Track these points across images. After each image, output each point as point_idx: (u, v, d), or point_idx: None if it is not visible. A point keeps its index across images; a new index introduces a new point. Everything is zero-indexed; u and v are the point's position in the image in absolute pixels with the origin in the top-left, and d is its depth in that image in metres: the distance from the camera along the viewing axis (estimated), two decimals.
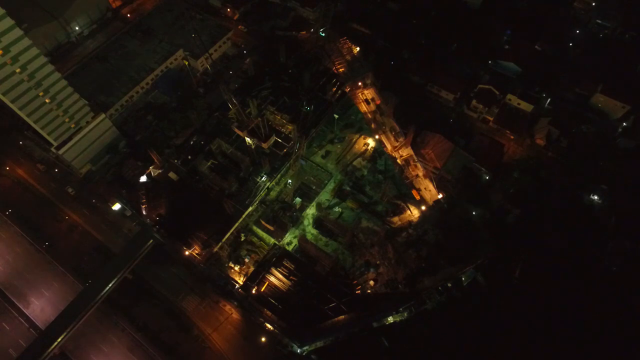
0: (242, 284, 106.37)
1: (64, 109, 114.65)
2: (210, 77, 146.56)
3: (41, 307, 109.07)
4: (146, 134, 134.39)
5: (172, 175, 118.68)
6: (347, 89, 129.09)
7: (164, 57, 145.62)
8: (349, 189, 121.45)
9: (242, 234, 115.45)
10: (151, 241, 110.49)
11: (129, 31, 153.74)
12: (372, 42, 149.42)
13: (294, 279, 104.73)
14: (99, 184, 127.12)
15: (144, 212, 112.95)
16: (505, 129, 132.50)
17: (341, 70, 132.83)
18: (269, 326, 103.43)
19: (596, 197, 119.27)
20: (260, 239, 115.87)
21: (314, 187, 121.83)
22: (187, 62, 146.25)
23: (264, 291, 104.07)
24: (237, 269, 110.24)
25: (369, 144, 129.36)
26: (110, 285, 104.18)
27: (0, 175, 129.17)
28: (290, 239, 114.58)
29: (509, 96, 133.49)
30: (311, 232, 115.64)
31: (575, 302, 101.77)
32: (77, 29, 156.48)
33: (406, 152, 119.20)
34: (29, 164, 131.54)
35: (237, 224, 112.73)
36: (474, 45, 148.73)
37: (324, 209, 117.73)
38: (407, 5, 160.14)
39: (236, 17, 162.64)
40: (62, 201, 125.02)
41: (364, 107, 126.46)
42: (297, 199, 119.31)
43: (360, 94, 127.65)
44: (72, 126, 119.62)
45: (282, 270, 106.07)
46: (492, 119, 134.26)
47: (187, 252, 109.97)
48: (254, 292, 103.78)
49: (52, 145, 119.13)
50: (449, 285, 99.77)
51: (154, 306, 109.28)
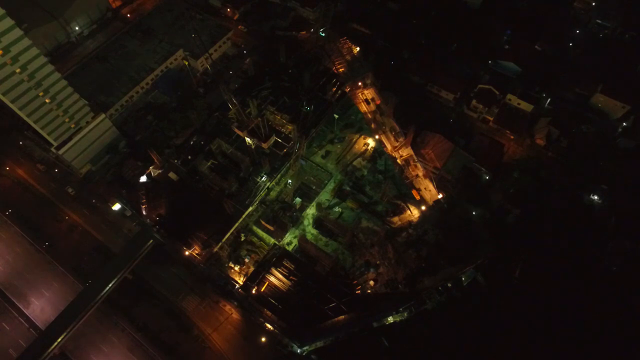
0: (242, 284, 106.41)
1: (64, 109, 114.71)
2: (210, 77, 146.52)
3: (41, 307, 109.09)
4: (146, 134, 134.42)
5: (172, 175, 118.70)
6: (347, 89, 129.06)
7: (164, 57, 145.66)
8: (349, 189, 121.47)
9: (242, 234, 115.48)
10: (151, 241, 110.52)
11: (129, 31, 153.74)
12: (372, 42, 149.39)
13: (294, 279, 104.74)
14: (99, 184, 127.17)
15: (144, 212, 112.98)
16: (505, 129, 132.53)
17: (341, 70, 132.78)
18: (269, 326, 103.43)
19: (596, 197, 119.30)
20: (260, 239, 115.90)
21: (314, 187, 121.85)
22: (187, 62, 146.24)
23: (264, 291, 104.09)
24: (237, 269, 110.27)
25: (369, 144, 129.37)
26: (110, 285, 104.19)
27: (0, 175, 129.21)
28: (290, 239, 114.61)
29: (509, 96, 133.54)
30: (311, 232, 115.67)
31: (575, 302, 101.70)
32: (77, 29, 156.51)
33: (406, 152, 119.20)
34: (29, 164, 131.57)
35: (237, 224, 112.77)
36: (474, 45, 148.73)
37: (324, 209, 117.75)
38: (407, 5, 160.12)
39: (236, 17, 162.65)
40: (62, 201, 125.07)
41: (364, 107, 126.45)
42: (297, 199, 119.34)
43: (360, 94, 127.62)
44: (72, 126, 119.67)
45: (282, 270, 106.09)
46: (492, 119, 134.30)
47: (187, 252, 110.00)
48: (254, 292, 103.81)
49: (52, 145, 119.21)
50: (449, 285, 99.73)
51: (154, 306, 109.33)
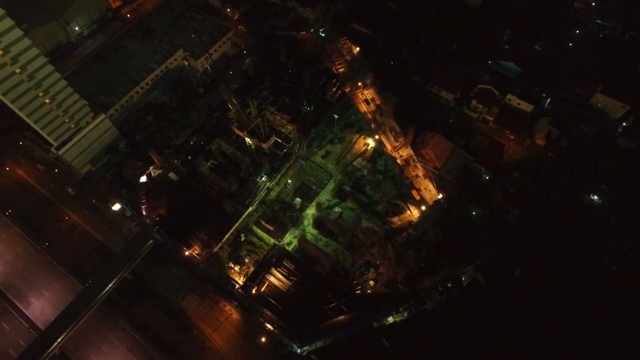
0: (242, 284, 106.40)
1: (64, 109, 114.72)
2: (210, 77, 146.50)
3: (41, 307, 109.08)
4: (146, 134, 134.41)
5: (172, 175, 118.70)
6: (347, 89, 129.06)
7: (164, 57, 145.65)
8: (349, 189, 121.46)
9: (242, 234, 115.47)
10: (151, 241, 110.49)
11: (129, 31, 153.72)
12: (372, 42, 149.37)
13: (294, 279, 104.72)
14: (99, 184, 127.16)
15: (144, 212, 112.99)
16: (505, 129, 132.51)
17: (341, 70, 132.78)
18: (269, 326, 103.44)
19: (596, 197, 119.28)
20: (260, 239, 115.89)
21: (314, 187, 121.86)
22: (187, 62, 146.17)
23: (264, 291, 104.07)
24: (237, 269, 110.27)
25: (369, 144, 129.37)
26: (110, 285, 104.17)
27: (0, 175, 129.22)
28: (290, 239, 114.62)
29: (509, 96, 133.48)
30: (311, 232, 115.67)
31: (575, 302, 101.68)
32: (77, 29, 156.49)
33: (406, 152, 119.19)
34: (29, 164, 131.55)
35: (237, 224, 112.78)
36: (474, 45, 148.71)
37: (324, 209, 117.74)
38: (407, 5, 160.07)
39: (236, 17, 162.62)
40: (62, 201, 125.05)
41: (363, 107, 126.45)
42: (297, 199, 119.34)
43: (360, 94, 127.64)
44: (72, 126, 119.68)
45: (282, 270, 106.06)
46: (492, 119, 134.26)
47: (187, 252, 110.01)
48: (254, 292, 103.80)
49: (52, 145, 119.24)
50: (449, 285, 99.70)
51: (154, 306, 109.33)
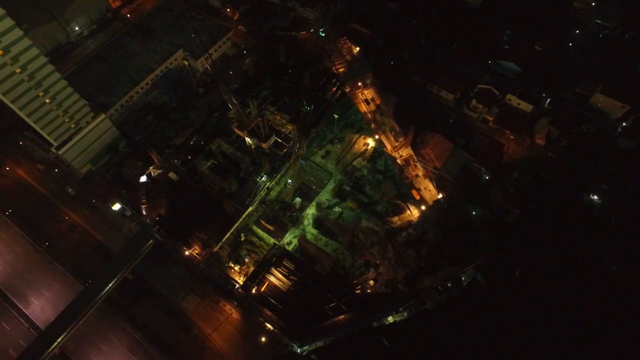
0: (242, 283, 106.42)
1: (64, 109, 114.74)
2: (210, 77, 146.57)
3: (41, 307, 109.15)
4: (146, 134, 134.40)
5: (172, 175, 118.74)
6: (347, 89, 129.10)
7: (164, 57, 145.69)
8: (348, 188, 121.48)
9: (242, 234, 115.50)
10: (151, 241, 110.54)
11: (129, 31, 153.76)
12: (372, 42, 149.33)
13: (294, 278, 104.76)
14: (99, 184, 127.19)
15: (144, 212, 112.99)
16: (505, 129, 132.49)
17: (341, 70, 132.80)
18: (269, 326, 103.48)
19: (596, 197, 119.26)
20: (260, 238, 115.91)
21: (314, 187, 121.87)
22: (187, 62, 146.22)
23: (264, 291, 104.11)
24: (237, 268, 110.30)
25: (368, 144, 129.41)
26: (110, 285, 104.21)
27: (0, 175, 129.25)
28: (290, 239, 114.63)
29: (509, 96, 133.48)
30: (311, 232, 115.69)
31: (575, 302, 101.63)
32: (77, 29, 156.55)
33: (406, 152, 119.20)
34: (29, 164, 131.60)
35: (237, 224, 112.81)
36: (474, 45, 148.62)
37: (324, 208, 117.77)
38: (407, 5, 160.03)
39: (236, 17, 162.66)
40: (62, 201, 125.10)
41: (363, 107, 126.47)
42: (297, 199, 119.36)
43: (360, 94, 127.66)
44: (72, 126, 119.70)
45: (282, 270, 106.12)
46: (492, 119, 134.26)
47: (187, 252, 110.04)
48: (254, 292, 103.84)
49: (52, 145, 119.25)
50: (449, 285, 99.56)
51: (154, 306, 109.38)
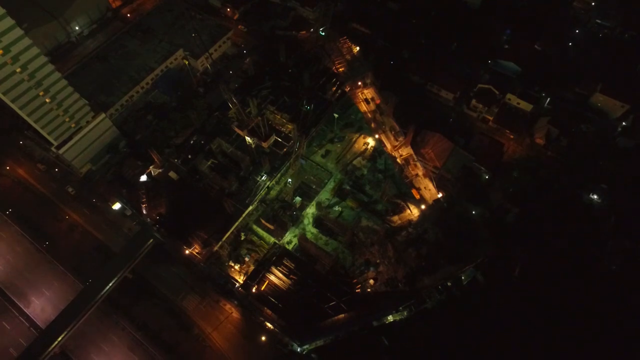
0: (242, 282, 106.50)
1: (64, 108, 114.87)
2: (210, 77, 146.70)
3: (41, 306, 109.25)
4: (146, 134, 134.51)
5: (172, 174, 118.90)
6: (347, 89, 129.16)
7: (164, 56, 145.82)
8: (349, 188, 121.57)
9: (242, 233, 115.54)
10: (151, 240, 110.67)
11: (129, 31, 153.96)
12: (372, 41, 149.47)
13: (294, 277, 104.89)
14: (99, 184, 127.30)
15: (144, 212, 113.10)
16: (504, 129, 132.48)
17: (341, 69, 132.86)
18: (269, 325, 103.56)
19: (596, 197, 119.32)
20: (260, 238, 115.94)
21: (314, 186, 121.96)
22: (187, 62, 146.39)
23: (264, 290, 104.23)
24: (237, 267, 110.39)
25: (368, 143, 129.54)
26: (110, 284, 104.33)
27: (0, 174, 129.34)
28: (290, 238, 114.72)
29: (509, 96, 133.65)
30: (311, 231, 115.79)
31: (574, 301, 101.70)
32: (77, 28, 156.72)
33: (406, 151, 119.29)
34: (29, 163, 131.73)
35: (237, 223, 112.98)
36: (473, 44, 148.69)
37: (324, 208, 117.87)
38: (407, 5, 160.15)
39: (236, 17, 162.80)
40: (62, 201, 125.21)
41: (363, 107, 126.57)
42: (297, 198, 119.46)
43: (360, 94, 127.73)
44: (73, 126, 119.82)
45: (282, 269, 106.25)
46: (491, 119, 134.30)
47: (187, 251, 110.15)
48: (254, 291, 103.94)
49: (52, 144, 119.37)
50: (449, 284, 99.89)
51: (154, 305, 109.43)
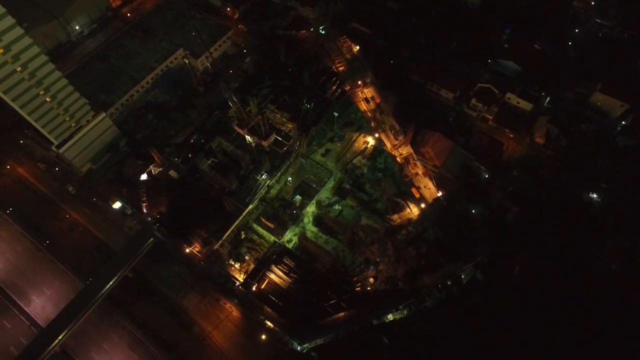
0: (242, 281, 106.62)
1: (64, 107, 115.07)
2: (210, 76, 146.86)
3: (42, 305, 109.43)
4: (146, 133, 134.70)
5: (172, 173, 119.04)
6: (347, 88, 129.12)
7: (164, 56, 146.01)
8: (348, 186, 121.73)
9: (243, 232, 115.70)
10: (152, 239, 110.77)
11: (129, 30, 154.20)
12: (372, 41, 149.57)
13: (294, 276, 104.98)
14: (100, 183, 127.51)
15: (145, 210, 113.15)
16: (504, 128, 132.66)
17: (341, 68, 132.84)
18: (269, 324, 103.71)
19: (595, 196, 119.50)
20: (260, 236, 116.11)
21: (314, 185, 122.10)
22: (187, 61, 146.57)
23: (264, 288, 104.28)
24: (237, 266, 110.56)
25: (368, 142, 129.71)
26: (110, 283, 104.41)
27: (1, 174, 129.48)
28: (290, 237, 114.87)
29: (509, 95, 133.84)
30: (311, 229, 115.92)
31: (574, 300, 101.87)
32: (77, 28, 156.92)
33: (406, 150, 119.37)
34: (30, 162, 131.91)
35: (237, 222, 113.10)
36: (473, 44, 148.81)
37: (324, 206, 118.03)
38: (407, 4, 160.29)
39: (236, 17, 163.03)
40: (62, 200, 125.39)
41: (363, 106, 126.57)
42: (297, 197, 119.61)
43: (360, 93, 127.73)
44: (73, 125, 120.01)
45: (283, 267, 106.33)
46: (491, 118, 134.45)
47: (187, 250, 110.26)
48: (254, 289, 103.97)
49: (52, 144, 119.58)
50: (449, 282, 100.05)
51: (154, 304, 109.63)
